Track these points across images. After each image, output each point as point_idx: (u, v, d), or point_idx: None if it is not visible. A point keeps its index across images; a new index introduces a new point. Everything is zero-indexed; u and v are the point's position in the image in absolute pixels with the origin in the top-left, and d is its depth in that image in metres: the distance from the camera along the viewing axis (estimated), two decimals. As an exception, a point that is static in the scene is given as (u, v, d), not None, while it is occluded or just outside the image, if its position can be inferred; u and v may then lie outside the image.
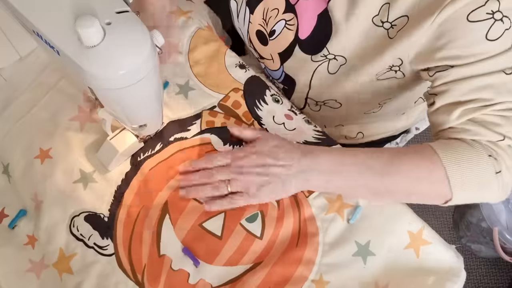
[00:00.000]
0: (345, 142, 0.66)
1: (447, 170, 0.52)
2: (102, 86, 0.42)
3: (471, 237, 1.33)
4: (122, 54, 0.41)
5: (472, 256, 1.39)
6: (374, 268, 0.56)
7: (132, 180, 0.61)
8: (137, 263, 0.56)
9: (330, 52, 0.64)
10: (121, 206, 0.59)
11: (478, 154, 0.53)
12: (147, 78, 0.44)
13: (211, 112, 0.66)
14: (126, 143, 0.59)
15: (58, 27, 0.41)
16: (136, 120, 0.53)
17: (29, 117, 0.64)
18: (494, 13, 0.50)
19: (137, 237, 0.57)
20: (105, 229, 0.58)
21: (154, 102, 0.51)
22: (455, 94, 0.54)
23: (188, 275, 0.55)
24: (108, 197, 0.60)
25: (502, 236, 1.14)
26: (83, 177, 0.60)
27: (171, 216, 0.58)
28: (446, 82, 0.55)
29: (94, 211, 0.58)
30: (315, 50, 0.66)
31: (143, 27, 0.43)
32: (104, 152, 0.60)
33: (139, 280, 0.55)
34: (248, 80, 0.70)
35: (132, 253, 0.57)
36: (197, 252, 0.56)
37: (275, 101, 0.69)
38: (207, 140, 0.64)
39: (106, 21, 0.41)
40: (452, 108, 0.55)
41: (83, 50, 0.40)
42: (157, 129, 0.62)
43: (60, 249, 0.56)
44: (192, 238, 0.57)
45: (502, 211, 1.23)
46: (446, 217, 1.44)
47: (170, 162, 0.62)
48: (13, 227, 0.59)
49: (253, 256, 0.57)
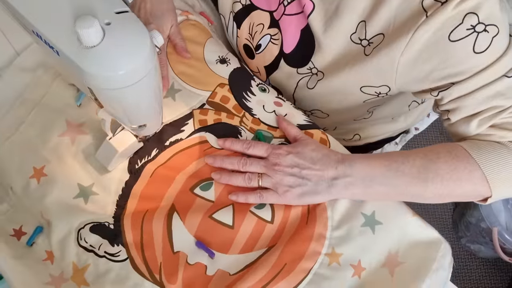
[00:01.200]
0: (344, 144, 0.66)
1: (484, 171, 0.53)
2: (102, 86, 0.42)
3: (470, 237, 1.33)
4: (121, 54, 0.41)
5: (471, 257, 1.39)
6: (383, 236, 0.57)
7: (133, 188, 0.60)
8: (153, 263, 0.56)
9: (315, 66, 0.65)
10: (125, 211, 0.59)
11: (509, 151, 0.54)
12: (147, 78, 0.44)
13: (201, 110, 0.66)
14: (126, 143, 0.59)
15: (57, 27, 0.41)
16: (135, 121, 0.53)
17: (18, 136, 0.63)
18: (475, 27, 0.50)
19: (147, 238, 0.57)
20: (113, 236, 0.57)
21: (153, 102, 0.51)
22: (467, 110, 0.55)
23: (205, 267, 0.56)
24: (111, 207, 0.59)
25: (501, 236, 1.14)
26: (83, 192, 0.59)
27: (179, 213, 0.58)
28: (453, 99, 0.56)
29: (98, 221, 0.58)
30: (301, 63, 0.67)
31: (142, 27, 0.43)
32: (103, 152, 0.59)
33: (157, 279, 0.55)
34: (232, 73, 0.70)
35: (145, 255, 0.56)
36: (210, 244, 0.57)
37: (262, 90, 0.69)
38: (203, 139, 0.64)
39: (105, 21, 0.41)
40: (468, 120, 0.56)
41: (82, 50, 0.40)
42: (157, 129, 0.62)
43: (73, 263, 0.56)
44: (204, 231, 0.57)
45: (502, 211, 1.23)
46: (445, 218, 1.44)
47: (170, 165, 0.62)
48: (31, 244, 0.58)
49: (266, 240, 0.58)
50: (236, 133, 0.65)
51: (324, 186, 0.57)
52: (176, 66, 0.69)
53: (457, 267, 1.38)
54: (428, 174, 0.54)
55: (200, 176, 0.61)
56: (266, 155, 0.59)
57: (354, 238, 0.57)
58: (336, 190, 0.57)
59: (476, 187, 0.54)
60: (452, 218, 1.44)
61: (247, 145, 0.60)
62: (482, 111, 0.55)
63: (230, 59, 0.71)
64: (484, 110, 0.54)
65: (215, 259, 0.56)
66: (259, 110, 0.67)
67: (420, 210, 1.44)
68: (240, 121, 0.66)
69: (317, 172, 0.57)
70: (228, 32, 0.76)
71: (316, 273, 0.56)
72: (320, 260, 0.56)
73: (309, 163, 0.57)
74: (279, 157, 0.58)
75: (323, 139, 0.65)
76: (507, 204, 1.24)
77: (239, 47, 0.75)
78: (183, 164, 0.62)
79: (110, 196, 0.60)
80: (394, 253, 0.57)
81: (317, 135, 0.66)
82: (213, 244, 0.57)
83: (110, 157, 0.59)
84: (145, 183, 0.61)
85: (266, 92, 0.69)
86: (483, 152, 0.54)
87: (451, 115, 0.57)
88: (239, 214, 0.58)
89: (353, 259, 0.56)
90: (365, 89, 0.63)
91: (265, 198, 0.58)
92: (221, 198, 0.60)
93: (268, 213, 0.58)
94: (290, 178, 0.57)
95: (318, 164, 0.57)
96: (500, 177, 0.53)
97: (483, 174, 0.53)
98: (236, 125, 0.66)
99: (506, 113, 0.54)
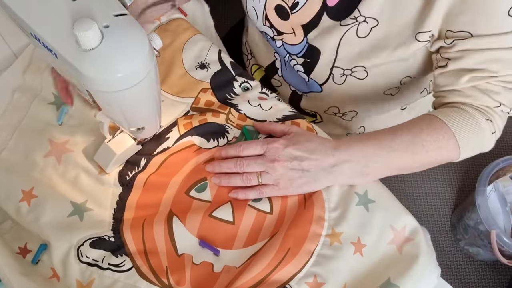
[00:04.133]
0: None
1: (457, 139, 0.59)
2: (100, 89, 0.42)
3: (469, 240, 1.33)
4: (120, 57, 0.41)
5: (470, 259, 1.39)
6: (378, 213, 0.59)
7: (127, 200, 0.60)
8: (159, 268, 0.56)
9: (361, 14, 0.62)
10: (123, 223, 0.59)
11: (478, 121, 0.59)
12: (145, 80, 0.44)
13: (186, 117, 0.66)
14: (124, 145, 0.59)
15: (56, 30, 0.41)
16: (134, 123, 0.53)
17: (1, 163, 0.61)
18: None
19: (150, 245, 0.57)
20: (116, 247, 0.57)
21: (152, 104, 0.51)
22: (468, 62, 0.58)
23: (212, 265, 0.56)
24: (108, 220, 0.59)
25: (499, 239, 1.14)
26: (77, 209, 0.59)
27: (178, 216, 0.58)
28: (462, 49, 0.58)
29: (97, 236, 0.57)
30: (346, 13, 0.64)
31: (141, 30, 0.43)
32: (101, 155, 0.59)
33: (165, 284, 0.55)
34: (213, 77, 0.70)
35: (150, 261, 0.56)
36: (214, 242, 0.57)
37: (245, 89, 0.70)
38: (190, 143, 0.64)
39: (104, 24, 0.41)
40: (462, 73, 0.59)
41: (81, 53, 0.40)
42: (155, 131, 0.62)
43: (77, 281, 0.55)
44: (206, 230, 0.58)
45: (500, 214, 1.23)
46: (443, 220, 1.44)
47: (161, 172, 0.62)
48: (37, 262, 0.57)
49: (268, 231, 0.59)
50: (222, 131, 0.65)
51: (323, 174, 0.58)
52: None
53: (456, 270, 1.38)
54: (415, 147, 0.58)
55: (193, 178, 0.61)
56: (262, 152, 0.59)
57: (351, 217, 0.59)
58: (334, 177, 0.58)
59: (450, 153, 0.60)
60: (450, 221, 1.44)
61: (240, 147, 0.60)
62: (478, 70, 0.58)
63: (210, 62, 0.71)
64: (480, 69, 0.57)
65: (221, 256, 0.57)
66: (244, 106, 0.68)
67: (418, 212, 1.45)
68: (226, 118, 0.66)
69: (315, 162, 0.57)
70: None
71: (319, 254, 0.57)
72: (322, 242, 0.57)
73: (307, 154, 0.58)
74: (277, 152, 0.58)
75: (309, 128, 0.66)
76: (505, 207, 1.24)
77: (268, 10, 0.72)
78: (174, 169, 0.62)
79: (106, 211, 0.59)
80: (400, 229, 0.58)
81: (303, 124, 0.66)
82: (216, 242, 0.57)
83: (108, 160, 0.59)
84: (140, 193, 0.61)
85: (249, 90, 0.70)
86: (456, 121, 0.59)
87: (451, 62, 0.59)
88: (238, 209, 0.59)
89: (353, 237, 0.58)
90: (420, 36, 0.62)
91: (265, 193, 0.59)
92: (218, 197, 0.60)
93: (266, 204, 0.59)
94: (290, 172, 0.58)
95: (315, 154, 0.58)
96: (468, 142, 0.59)
97: (456, 141, 0.59)
98: (222, 123, 0.66)
99: (494, 80, 0.58)
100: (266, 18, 0.73)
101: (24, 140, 0.63)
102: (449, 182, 1.51)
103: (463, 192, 1.48)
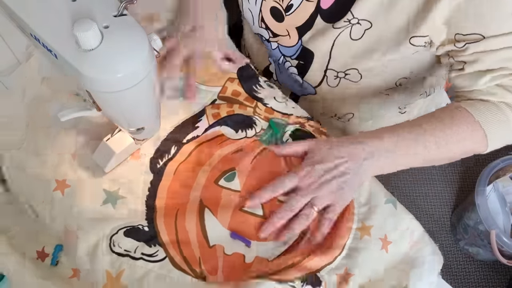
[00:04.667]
0: None
1: (485, 130, 0.59)
2: (100, 89, 0.42)
3: (468, 240, 1.33)
4: (120, 58, 0.41)
5: (470, 259, 1.39)
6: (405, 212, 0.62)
7: (158, 188, 0.61)
8: (191, 258, 0.57)
9: (355, 16, 0.62)
10: (156, 212, 0.59)
11: (506, 114, 0.59)
12: (145, 81, 0.44)
13: (213, 105, 0.68)
14: (123, 144, 0.58)
15: (55, 31, 0.41)
16: (134, 124, 0.53)
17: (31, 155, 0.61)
18: None
19: (183, 236, 0.58)
20: (149, 237, 0.57)
21: (152, 105, 0.51)
22: (484, 64, 0.59)
23: (243, 256, 0.58)
24: (141, 208, 0.59)
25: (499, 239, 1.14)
26: (110, 197, 0.59)
27: (210, 208, 0.59)
28: (476, 52, 0.58)
29: (131, 225, 0.57)
30: (339, 16, 0.64)
31: (141, 31, 0.43)
32: (100, 153, 0.59)
33: (198, 273, 0.56)
34: (239, 69, 0.72)
35: (183, 252, 0.57)
36: (245, 234, 0.58)
37: (269, 86, 0.72)
38: (219, 133, 0.65)
39: (104, 24, 0.41)
40: (481, 74, 0.59)
41: (80, 54, 0.40)
42: (155, 132, 0.62)
43: (107, 272, 0.55)
44: (237, 223, 0.59)
45: (499, 214, 1.23)
46: (443, 220, 1.44)
47: (191, 160, 0.63)
48: (56, 263, 0.57)
49: None
50: (251, 122, 0.67)
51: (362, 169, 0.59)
52: None
53: (456, 270, 1.38)
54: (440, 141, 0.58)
55: (222, 168, 0.62)
56: (296, 183, 0.59)
57: (380, 212, 0.61)
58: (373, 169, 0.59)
59: (476, 145, 0.60)
60: (450, 221, 1.44)
61: (274, 188, 0.59)
62: (497, 69, 0.58)
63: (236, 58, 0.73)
64: (499, 68, 0.58)
65: (252, 247, 0.58)
66: (270, 100, 0.69)
67: (418, 212, 1.45)
68: (253, 111, 0.68)
69: (349, 163, 0.58)
70: None
71: (350, 248, 0.59)
72: (352, 235, 0.60)
73: (337, 160, 0.58)
74: (310, 175, 0.58)
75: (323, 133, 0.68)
76: (505, 207, 1.24)
77: (264, 12, 0.72)
78: (204, 158, 0.63)
79: (138, 198, 0.60)
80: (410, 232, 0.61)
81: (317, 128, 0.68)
82: (247, 234, 0.58)
83: (107, 159, 0.58)
84: (170, 181, 0.61)
85: (273, 88, 0.72)
86: (482, 113, 0.59)
87: (467, 66, 0.60)
88: (267, 203, 0.60)
89: (381, 233, 0.60)
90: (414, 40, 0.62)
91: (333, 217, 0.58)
92: (247, 187, 0.61)
93: None
94: (332, 184, 0.57)
95: (344, 156, 0.58)
96: (497, 135, 0.59)
97: (484, 133, 0.59)
98: (249, 115, 0.67)
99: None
100: (262, 20, 0.73)
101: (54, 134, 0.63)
102: (449, 182, 1.51)
103: (463, 192, 1.48)
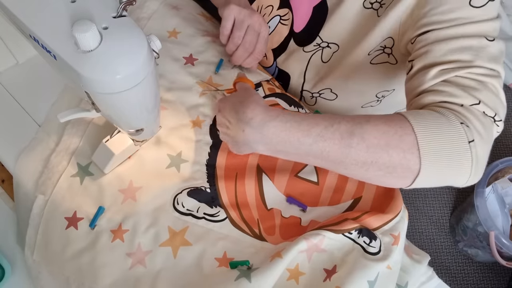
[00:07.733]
0: None
1: (417, 136, 0.46)
2: (99, 90, 0.42)
3: (467, 241, 1.33)
4: (119, 59, 0.41)
5: (469, 261, 1.39)
6: None
7: (218, 152, 0.64)
8: (250, 220, 0.61)
9: (323, 40, 0.66)
10: (217, 176, 0.63)
11: (450, 121, 0.48)
12: (144, 82, 0.44)
13: (268, 82, 0.72)
14: (122, 145, 0.58)
15: (55, 32, 0.41)
16: (133, 125, 0.53)
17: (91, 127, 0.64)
18: None
19: (242, 199, 0.62)
20: (210, 199, 0.61)
21: (151, 106, 0.51)
22: (434, 55, 0.53)
23: (300, 219, 0.62)
24: (202, 171, 0.63)
25: (498, 240, 1.14)
26: (174, 161, 0.63)
27: (267, 173, 0.63)
28: (425, 44, 0.54)
29: (195, 186, 0.61)
30: (308, 40, 0.68)
31: (140, 32, 0.43)
32: (99, 154, 0.59)
33: (257, 233, 0.60)
34: None
35: (243, 214, 0.61)
36: (300, 199, 0.63)
37: None
38: (275, 102, 0.70)
39: (103, 25, 0.41)
40: (429, 69, 0.52)
41: (80, 55, 0.40)
42: (154, 133, 0.62)
43: (169, 227, 0.57)
44: (293, 188, 0.63)
45: (498, 215, 1.23)
46: (442, 222, 1.44)
47: None
48: (94, 226, 0.57)
49: (351, 192, 0.64)
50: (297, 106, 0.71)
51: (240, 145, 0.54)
52: None
53: (455, 272, 1.38)
54: (352, 139, 0.48)
55: None
56: None
57: None
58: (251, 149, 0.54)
59: (404, 154, 0.47)
60: (449, 222, 1.44)
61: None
62: (447, 62, 0.52)
63: None
64: (449, 61, 0.52)
65: (307, 212, 0.62)
66: None
67: (417, 214, 1.45)
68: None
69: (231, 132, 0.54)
70: None
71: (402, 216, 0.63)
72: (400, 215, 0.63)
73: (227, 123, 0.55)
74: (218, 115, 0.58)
75: None
76: (504, 208, 1.24)
77: None
78: None
79: (199, 163, 0.63)
80: None
81: None
82: (303, 199, 0.63)
83: (106, 160, 0.59)
84: None
85: None
86: (422, 117, 0.48)
87: (416, 61, 0.55)
88: (322, 171, 0.65)
89: None
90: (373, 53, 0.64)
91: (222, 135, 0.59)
92: None
93: None
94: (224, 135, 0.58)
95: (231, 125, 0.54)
96: (433, 146, 0.46)
97: (415, 139, 0.46)
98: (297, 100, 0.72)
99: (465, 71, 0.51)
100: None
101: None
102: (448, 183, 1.51)
103: (462, 194, 1.48)
